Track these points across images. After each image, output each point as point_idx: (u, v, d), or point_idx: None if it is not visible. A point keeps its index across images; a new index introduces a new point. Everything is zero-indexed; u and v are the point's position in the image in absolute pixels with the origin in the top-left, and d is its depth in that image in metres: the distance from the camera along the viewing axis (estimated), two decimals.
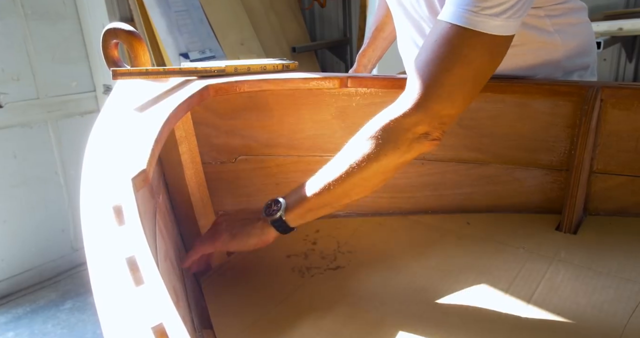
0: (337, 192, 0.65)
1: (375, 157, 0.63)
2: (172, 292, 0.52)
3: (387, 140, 0.63)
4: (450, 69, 0.62)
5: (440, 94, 0.63)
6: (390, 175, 0.66)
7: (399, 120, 0.63)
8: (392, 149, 0.64)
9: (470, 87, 0.64)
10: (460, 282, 0.70)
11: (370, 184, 0.66)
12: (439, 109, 0.63)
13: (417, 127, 0.63)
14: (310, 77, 0.87)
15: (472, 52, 0.62)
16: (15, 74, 1.99)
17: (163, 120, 0.63)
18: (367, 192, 0.67)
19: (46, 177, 2.14)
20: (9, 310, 2.02)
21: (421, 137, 0.64)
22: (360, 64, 1.21)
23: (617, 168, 0.84)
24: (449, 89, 0.63)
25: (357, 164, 0.64)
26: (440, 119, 0.64)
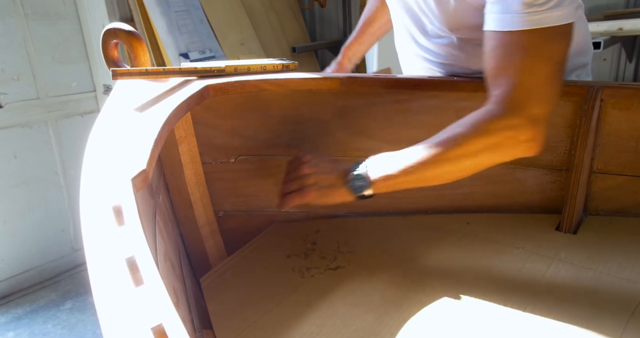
0: (426, 176, 0.68)
1: (474, 154, 0.66)
2: (171, 293, 0.52)
3: (492, 144, 0.66)
4: (535, 72, 0.65)
5: (536, 98, 0.65)
6: (481, 169, 0.69)
7: (501, 124, 0.65)
8: (497, 153, 0.67)
9: (558, 80, 0.67)
10: (460, 282, 0.70)
11: (460, 175, 0.69)
12: (537, 112, 0.65)
13: (520, 131, 0.65)
14: (310, 77, 0.87)
15: (549, 48, 0.65)
16: (15, 74, 1.98)
17: (163, 120, 0.63)
18: (452, 180, 0.70)
19: (46, 177, 2.14)
20: (9, 310, 2.01)
21: (523, 142, 0.66)
22: (345, 56, 1.19)
23: (617, 168, 0.84)
24: (542, 89, 0.65)
25: (454, 156, 0.66)
26: (540, 122, 0.66)
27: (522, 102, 0.65)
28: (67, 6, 2.09)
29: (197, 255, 0.87)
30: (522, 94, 0.65)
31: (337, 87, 0.87)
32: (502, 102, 0.66)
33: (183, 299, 0.64)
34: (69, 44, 2.12)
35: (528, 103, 0.65)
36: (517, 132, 0.66)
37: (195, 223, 0.85)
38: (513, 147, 0.67)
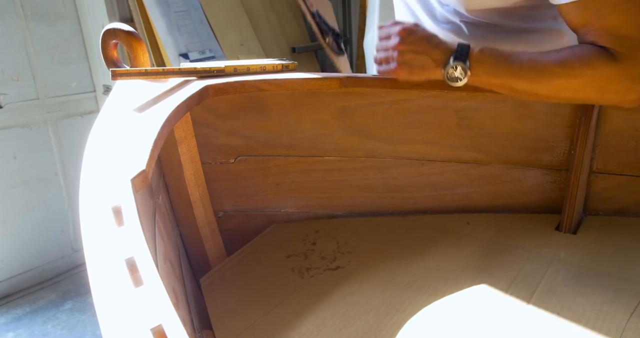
0: (527, 83, 0.67)
1: (585, 83, 0.65)
2: (171, 293, 0.52)
3: (602, 81, 0.65)
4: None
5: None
6: (573, 99, 0.70)
7: (627, 72, 0.64)
8: (599, 89, 0.66)
9: None
10: (460, 282, 0.70)
11: (560, 96, 0.68)
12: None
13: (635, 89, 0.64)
14: (310, 78, 0.87)
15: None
16: (15, 75, 1.98)
17: (162, 121, 0.63)
18: (549, 97, 0.69)
19: (46, 178, 2.14)
20: (8, 311, 2.01)
21: (637, 96, 0.65)
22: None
23: (617, 168, 0.84)
24: None
25: (565, 73, 0.65)
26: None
27: (637, 43, 0.64)
28: (66, 7, 2.09)
29: (196, 256, 0.87)
30: (634, 35, 0.63)
31: (336, 87, 0.87)
32: (616, 43, 0.64)
33: (183, 300, 0.64)
34: (68, 45, 2.12)
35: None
36: (633, 85, 0.64)
37: (194, 223, 0.85)
38: (620, 96, 0.66)
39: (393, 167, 0.92)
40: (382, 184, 0.92)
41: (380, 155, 0.91)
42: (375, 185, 0.92)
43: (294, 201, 0.93)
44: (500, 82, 0.70)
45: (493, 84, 0.70)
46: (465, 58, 0.68)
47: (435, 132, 0.89)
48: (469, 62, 0.68)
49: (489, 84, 0.71)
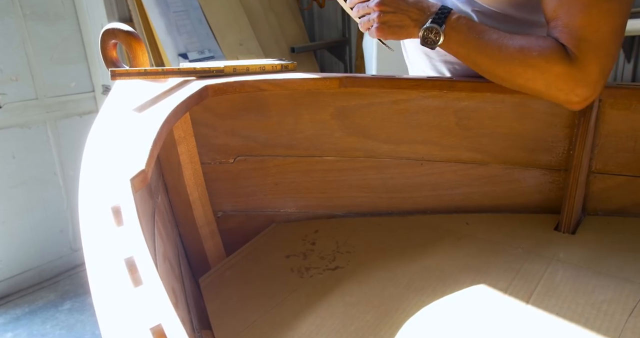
0: (487, 58, 0.70)
1: (535, 75, 0.68)
2: (170, 293, 0.52)
3: (550, 85, 0.67)
4: (616, 30, 0.65)
5: (608, 46, 0.66)
6: (522, 87, 0.71)
7: (574, 74, 0.66)
8: (548, 84, 0.68)
9: (622, 37, 0.68)
10: (459, 282, 0.70)
11: (514, 81, 0.71)
12: (607, 63, 0.67)
13: (579, 89, 0.67)
14: (309, 78, 0.87)
15: (626, 3, 0.65)
16: (13, 75, 1.98)
17: (162, 121, 0.63)
18: (504, 80, 0.72)
19: (45, 178, 2.14)
20: (7, 311, 2.01)
21: (576, 100, 0.68)
22: None
23: (616, 168, 0.84)
24: (616, 47, 0.66)
25: (523, 60, 0.67)
26: (601, 86, 0.68)
27: (596, 45, 0.65)
28: (65, 6, 2.09)
29: (196, 256, 0.87)
30: (595, 37, 0.65)
31: (336, 88, 0.87)
32: (574, 41, 0.65)
33: (182, 299, 0.64)
34: (67, 44, 2.12)
35: (601, 48, 0.65)
36: (587, 76, 0.66)
37: (194, 223, 0.85)
38: (564, 95, 0.68)
39: (392, 167, 0.92)
40: (382, 184, 0.92)
41: (379, 155, 0.92)
42: (375, 185, 0.92)
43: (293, 201, 0.93)
44: (467, 54, 0.72)
45: (460, 54, 0.72)
46: (442, 22, 0.70)
47: (434, 132, 0.89)
48: (445, 27, 0.70)
49: (457, 54, 0.73)
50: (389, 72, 1.13)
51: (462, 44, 0.71)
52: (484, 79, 0.88)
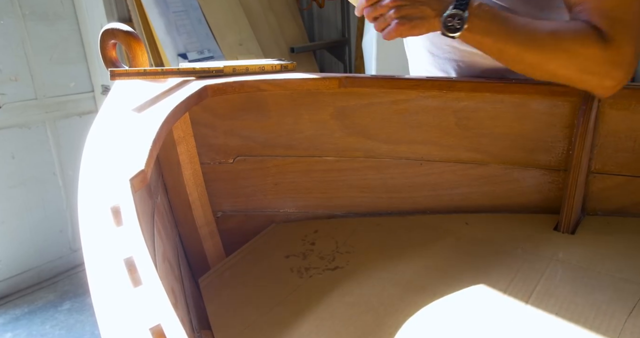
0: (517, 47, 0.67)
1: (569, 59, 0.66)
2: (170, 293, 0.52)
3: (585, 70, 0.66)
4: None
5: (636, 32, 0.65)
6: (555, 74, 0.69)
7: (611, 56, 0.64)
8: (583, 70, 0.66)
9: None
10: (459, 283, 0.70)
11: (544, 68, 0.68)
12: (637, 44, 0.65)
13: (626, 61, 0.65)
14: (309, 78, 0.87)
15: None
16: (13, 75, 1.98)
17: (161, 121, 0.63)
18: (533, 66, 0.69)
19: (44, 178, 2.14)
20: (7, 311, 2.01)
21: (616, 80, 0.66)
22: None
23: (615, 168, 0.84)
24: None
25: (556, 44, 0.65)
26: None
27: (629, 24, 0.64)
28: (65, 6, 2.09)
29: (195, 256, 0.87)
30: (628, 16, 0.64)
31: (335, 88, 0.87)
32: (606, 21, 0.64)
33: (182, 300, 0.64)
34: (67, 45, 2.12)
35: (635, 26, 0.64)
36: (623, 57, 0.65)
37: (193, 223, 0.85)
38: (598, 79, 0.66)
39: (392, 167, 0.92)
40: (381, 184, 0.92)
41: (379, 156, 0.92)
42: (374, 185, 0.92)
43: (293, 201, 0.93)
44: (492, 42, 0.68)
45: (485, 44, 0.69)
46: (465, 8, 0.66)
47: (434, 132, 0.89)
48: (467, 13, 0.66)
49: (480, 43, 0.69)
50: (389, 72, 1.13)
51: (486, 32, 0.67)
52: (483, 79, 0.88)
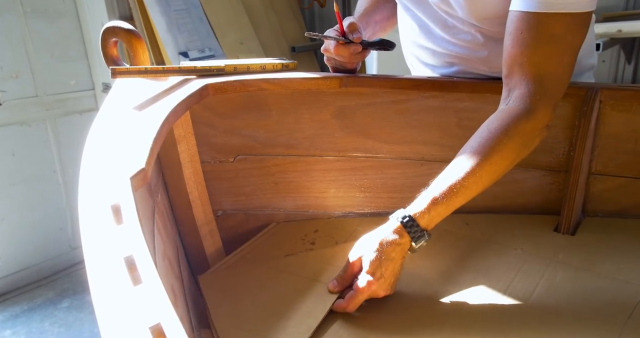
0: (471, 194, 0.67)
1: (510, 158, 0.69)
2: (170, 292, 0.52)
3: (522, 144, 0.69)
4: (561, 61, 0.69)
5: (559, 87, 0.70)
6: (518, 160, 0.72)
7: (530, 124, 0.69)
8: (525, 150, 0.70)
9: (573, 66, 0.71)
10: (459, 283, 0.70)
11: (496, 178, 0.70)
12: (558, 98, 0.71)
13: (544, 124, 0.71)
14: (310, 77, 0.87)
15: (574, 36, 0.68)
16: (14, 72, 1.98)
17: (162, 119, 0.63)
18: (498, 177, 0.71)
19: (44, 176, 2.14)
20: (6, 309, 2.01)
21: (544, 130, 0.71)
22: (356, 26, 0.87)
23: (616, 169, 0.84)
24: (564, 78, 0.70)
25: (491, 165, 0.67)
26: (555, 107, 0.72)
27: (550, 92, 0.69)
28: (66, 4, 2.09)
29: (195, 255, 0.87)
30: (550, 84, 0.69)
31: (336, 87, 0.87)
32: (532, 97, 0.69)
33: (181, 298, 0.64)
34: (68, 42, 2.12)
35: (555, 93, 0.70)
36: (543, 123, 0.70)
37: (193, 222, 0.85)
38: (537, 138, 0.71)
39: (392, 167, 0.92)
40: (381, 184, 0.92)
41: (379, 155, 0.91)
42: (375, 185, 0.92)
43: (293, 200, 0.93)
44: (457, 206, 0.68)
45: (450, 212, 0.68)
46: (422, 233, 0.65)
47: (434, 132, 0.89)
48: (426, 232, 0.66)
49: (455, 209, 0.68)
50: (389, 72, 1.13)
51: (445, 215, 0.67)
52: (484, 80, 0.88)
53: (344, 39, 0.83)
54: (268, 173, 0.91)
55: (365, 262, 0.65)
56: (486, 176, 0.67)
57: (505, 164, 0.69)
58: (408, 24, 0.95)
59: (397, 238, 0.65)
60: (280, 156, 0.91)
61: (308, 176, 0.92)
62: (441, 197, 0.65)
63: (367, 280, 0.64)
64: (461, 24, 0.83)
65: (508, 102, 0.72)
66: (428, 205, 0.65)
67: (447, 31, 0.86)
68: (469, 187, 0.66)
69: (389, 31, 1.05)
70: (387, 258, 0.64)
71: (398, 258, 0.65)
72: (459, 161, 0.68)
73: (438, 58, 0.92)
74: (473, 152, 0.67)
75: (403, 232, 0.65)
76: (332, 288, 0.68)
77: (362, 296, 0.64)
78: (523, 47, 0.69)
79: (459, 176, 0.66)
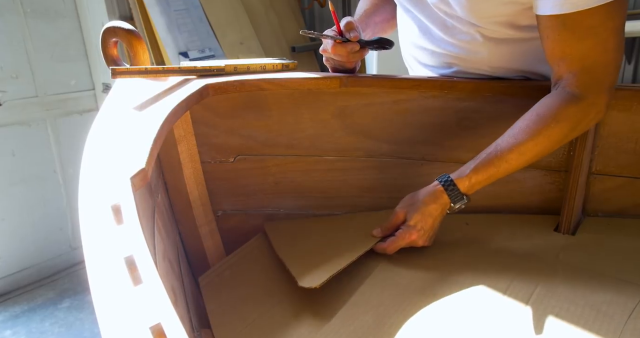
0: (515, 166, 0.73)
1: (556, 140, 0.72)
2: (170, 292, 0.52)
3: (570, 128, 0.72)
4: (607, 48, 0.69)
5: (610, 72, 0.71)
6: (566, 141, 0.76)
7: (579, 109, 0.71)
8: (574, 133, 0.73)
9: (622, 47, 0.71)
10: (459, 283, 0.70)
11: (539, 157, 0.74)
12: (611, 82, 0.72)
13: (598, 108, 0.72)
14: (310, 77, 0.87)
15: (613, 22, 0.68)
16: (14, 72, 1.98)
17: (162, 119, 0.63)
18: (542, 156, 0.75)
19: (44, 176, 2.14)
20: (6, 309, 2.01)
21: (599, 113, 0.73)
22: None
23: (616, 169, 0.84)
24: (614, 62, 0.71)
25: (535, 145, 0.71)
26: (612, 91, 0.73)
27: (598, 79, 0.71)
28: (66, 4, 2.09)
29: (195, 255, 0.87)
30: (597, 72, 0.70)
31: (336, 87, 0.87)
32: (581, 86, 0.71)
33: (182, 298, 0.64)
34: (68, 42, 2.12)
35: (604, 78, 0.71)
36: (597, 108, 0.71)
37: (194, 222, 0.85)
38: (591, 121, 0.73)
39: (392, 167, 0.92)
40: (382, 184, 0.92)
41: (379, 155, 0.91)
42: (375, 185, 0.92)
43: (293, 200, 0.93)
44: (498, 178, 0.74)
45: (493, 180, 0.75)
46: (461, 197, 0.74)
47: (435, 132, 0.89)
48: (466, 196, 0.75)
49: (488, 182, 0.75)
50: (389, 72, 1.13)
51: (486, 183, 0.74)
52: (484, 80, 0.87)
53: (341, 38, 0.83)
54: (268, 173, 0.91)
55: (410, 214, 0.74)
56: (529, 154, 0.72)
57: (548, 145, 0.72)
58: (407, 25, 0.95)
59: (439, 198, 0.74)
60: (281, 156, 0.91)
61: (308, 176, 0.92)
62: (483, 167, 0.73)
63: (409, 230, 0.74)
64: (461, 24, 0.83)
65: (557, 88, 0.74)
66: (470, 173, 0.73)
67: (447, 32, 0.86)
68: (511, 162, 0.72)
69: (389, 33, 1.05)
70: (428, 214, 0.74)
71: (438, 216, 0.75)
72: (506, 137, 0.73)
73: (437, 59, 0.92)
74: (519, 131, 0.72)
75: (444, 194, 0.74)
76: (375, 234, 0.77)
77: (402, 242, 0.74)
78: (565, 46, 0.70)
79: (503, 150, 0.72)
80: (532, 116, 0.73)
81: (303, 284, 0.67)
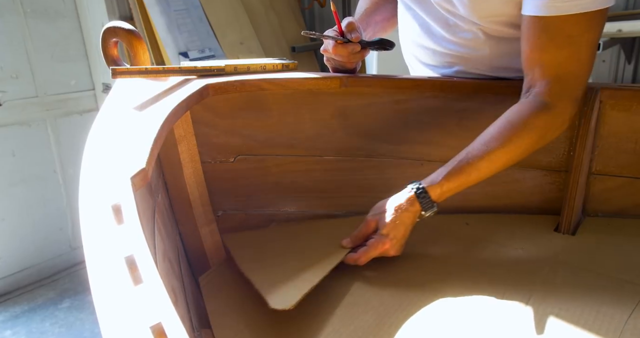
0: (485, 174, 0.73)
1: (525, 148, 0.72)
2: (170, 292, 0.52)
3: (540, 137, 0.72)
4: (580, 59, 0.70)
5: (579, 83, 0.73)
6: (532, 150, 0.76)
7: (549, 118, 0.72)
8: (542, 142, 0.74)
9: (593, 60, 0.73)
10: (459, 283, 0.70)
11: (508, 165, 0.74)
12: (579, 93, 0.73)
13: (565, 118, 0.73)
14: (310, 77, 0.87)
15: (591, 33, 0.69)
16: (14, 72, 1.98)
17: (162, 119, 0.63)
18: (511, 164, 0.75)
19: (45, 176, 2.14)
20: (6, 309, 2.01)
21: (565, 123, 0.73)
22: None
23: (616, 169, 0.84)
24: (584, 74, 0.73)
25: (505, 153, 0.72)
26: (579, 101, 0.74)
27: (569, 90, 0.71)
28: (66, 4, 2.09)
29: (196, 255, 0.87)
30: (569, 83, 0.71)
31: (336, 87, 0.87)
32: (553, 95, 0.71)
33: (182, 298, 0.64)
34: (68, 42, 2.12)
35: (575, 89, 0.71)
36: (563, 117, 0.72)
37: (194, 222, 0.85)
38: (556, 131, 0.73)
39: (392, 167, 0.92)
40: (382, 184, 0.92)
41: (379, 156, 0.91)
42: (375, 185, 0.92)
43: (294, 200, 0.93)
44: (467, 186, 0.73)
45: (460, 190, 0.74)
46: (432, 204, 0.72)
47: (435, 132, 0.89)
48: (436, 204, 0.73)
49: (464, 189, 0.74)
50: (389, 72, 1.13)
51: (457, 189, 0.73)
52: (485, 80, 0.88)
53: (343, 38, 0.83)
54: (268, 173, 0.91)
55: (381, 223, 0.72)
56: (499, 162, 0.72)
57: (518, 153, 0.72)
58: (409, 24, 0.95)
59: (410, 206, 0.72)
60: (281, 156, 0.91)
61: (308, 176, 0.92)
62: (455, 175, 0.71)
63: (382, 239, 0.71)
64: (462, 22, 0.83)
65: (528, 96, 0.74)
66: (441, 181, 0.72)
67: (448, 30, 0.86)
68: (482, 170, 0.72)
69: (389, 32, 1.05)
70: (401, 222, 0.72)
71: (409, 224, 0.73)
72: (477, 144, 0.72)
73: (438, 58, 0.92)
74: (490, 139, 0.72)
75: (415, 202, 0.72)
76: (345, 244, 0.75)
77: (375, 252, 0.72)
78: (542, 52, 0.71)
79: (474, 158, 0.71)
80: (504, 123, 0.72)
81: (275, 306, 0.62)
